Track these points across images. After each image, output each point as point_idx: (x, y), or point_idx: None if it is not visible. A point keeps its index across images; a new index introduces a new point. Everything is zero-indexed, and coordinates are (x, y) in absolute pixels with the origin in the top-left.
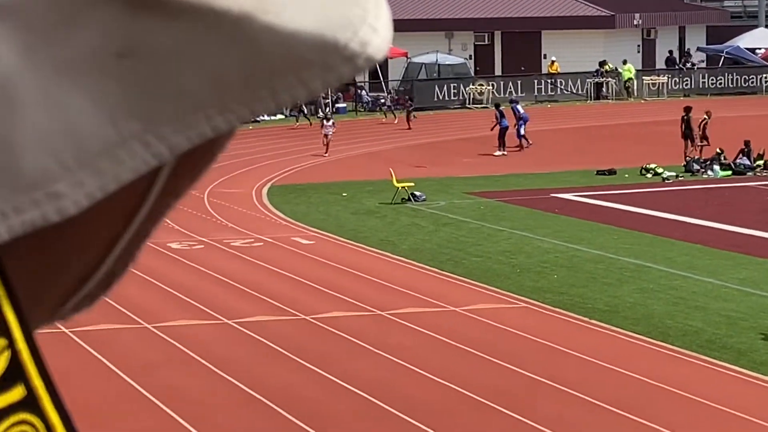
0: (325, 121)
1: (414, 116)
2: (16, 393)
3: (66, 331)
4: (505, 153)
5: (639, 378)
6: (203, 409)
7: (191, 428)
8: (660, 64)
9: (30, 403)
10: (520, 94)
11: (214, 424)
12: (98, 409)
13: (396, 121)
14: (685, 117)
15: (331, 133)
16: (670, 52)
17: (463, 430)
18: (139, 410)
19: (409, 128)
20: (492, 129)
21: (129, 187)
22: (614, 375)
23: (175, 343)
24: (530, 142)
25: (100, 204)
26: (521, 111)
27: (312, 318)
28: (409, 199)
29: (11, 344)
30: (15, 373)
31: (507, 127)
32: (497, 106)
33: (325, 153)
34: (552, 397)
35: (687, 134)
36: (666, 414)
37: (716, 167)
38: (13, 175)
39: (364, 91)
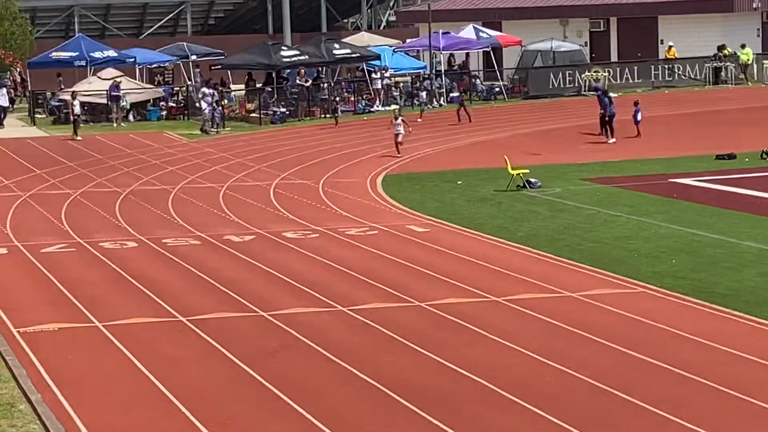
0: (394, 120)
1: (465, 109)
2: None
3: (183, 320)
4: (614, 139)
5: (762, 362)
6: (319, 396)
7: (307, 414)
8: None
9: None
10: (636, 80)
11: (329, 410)
12: (216, 396)
13: (419, 119)
14: None
15: (402, 133)
16: None
17: (582, 414)
18: (256, 397)
19: (459, 121)
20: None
21: None
22: (736, 359)
23: (291, 330)
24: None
25: None
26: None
27: (427, 305)
28: (524, 186)
29: None
30: None
31: (614, 114)
32: (605, 93)
33: (398, 154)
34: (673, 382)
35: None
36: None
37: None
38: None
39: (478, 80)
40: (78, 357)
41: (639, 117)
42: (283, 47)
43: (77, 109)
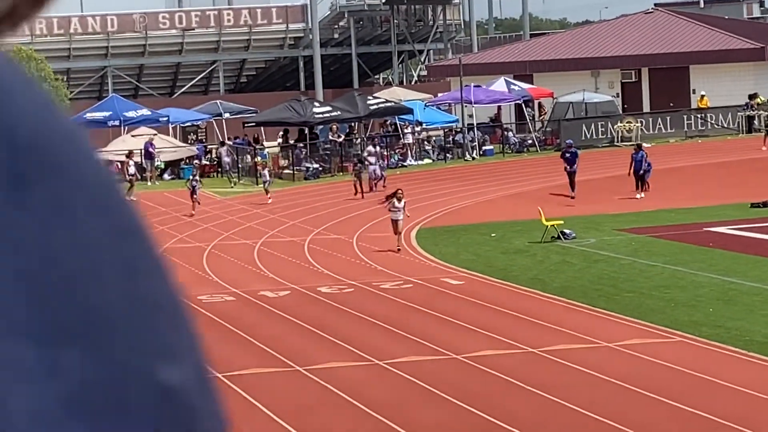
0: (396, 201)
1: (359, 183)
2: None
3: (219, 376)
4: (641, 196)
5: None
6: None
7: None
8: None
9: None
10: (669, 130)
11: None
12: None
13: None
14: None
15: (401, 219)
16: None
17: None
18: None
19: (362, 197)
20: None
21: None
22: None
23: (327, 385)
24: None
25: None
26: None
27: (463, 357)
28: (558, 237)
29: None
30: None
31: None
32: (639, 146)
33: (398, 246)
34: (712, 431)
35: None
36: None
37: None
38: None
39: (510, 133)
40: None
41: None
42: (315, 103)
43: (132, 169)
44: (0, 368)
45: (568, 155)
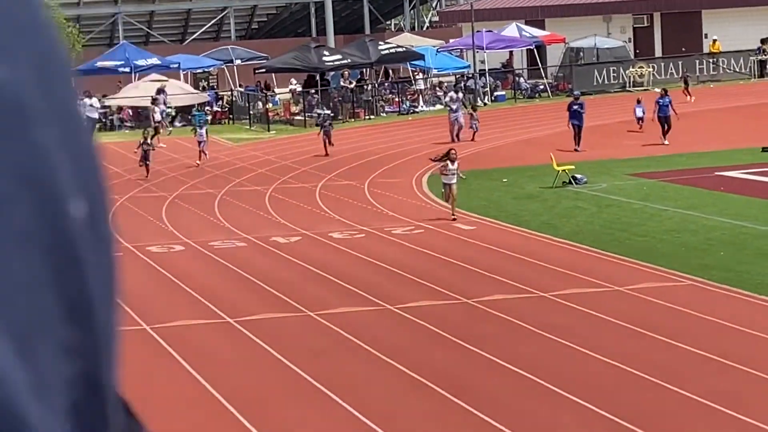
0: (450, 163)
1: (327, 139)
2: None
3: (231, 321)
4: (666, 143)
5: None
6: (369, 395)
7: (357, 414)
8: None
9: None
10: (681, 75)
11: (380, 409)
12: (266, 397)
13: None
14: None
15: (455, 182)
16: None
17: (630, 408)
18: (306, 398)
19: (326, 154)
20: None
21: None
22: None
23: (339, 330)
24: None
25: None
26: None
27: (475, 302)
28: (570, 183)
29: None
30: None
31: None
32: (665, 92)
33: (453, 215)
34: (721, 374)
35: None
36: None
37: None
38: None
39: (522, 78)
40: (127, 359)
41: (641, 114)
42: (326, 50)
43: (158, 116)
44: None
45: (575, 107)
